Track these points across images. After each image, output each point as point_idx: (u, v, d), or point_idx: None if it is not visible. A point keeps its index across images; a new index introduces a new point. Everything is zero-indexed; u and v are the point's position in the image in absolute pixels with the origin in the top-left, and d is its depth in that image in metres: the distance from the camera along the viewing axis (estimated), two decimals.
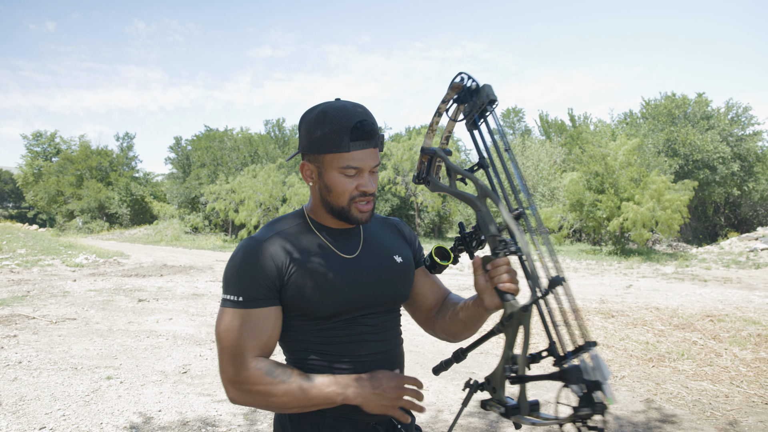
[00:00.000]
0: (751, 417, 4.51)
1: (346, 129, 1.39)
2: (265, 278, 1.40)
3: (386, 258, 1.57)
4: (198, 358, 6.19)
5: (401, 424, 1.53)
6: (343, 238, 1.54)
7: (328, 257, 1.48)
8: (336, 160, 1.42)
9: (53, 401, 4.68)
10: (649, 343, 6.85)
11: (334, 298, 1.44)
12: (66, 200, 49.30)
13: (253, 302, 1.39)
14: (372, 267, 1.53)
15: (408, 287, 1.61)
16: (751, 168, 34.02)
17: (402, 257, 1.61)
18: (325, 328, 1.47)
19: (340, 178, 1.43)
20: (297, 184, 30.36)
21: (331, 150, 1.41)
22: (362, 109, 1.45)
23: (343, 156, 1.41)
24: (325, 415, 1.45)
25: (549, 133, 43.38)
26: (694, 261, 19.59)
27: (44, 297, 10.05)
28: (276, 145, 40.31)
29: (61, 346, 6.51)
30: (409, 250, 1.68)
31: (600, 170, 23.37)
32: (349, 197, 1.45)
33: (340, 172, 1.43)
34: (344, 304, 1.45)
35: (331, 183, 1.44)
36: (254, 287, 1.39)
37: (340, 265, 1.49)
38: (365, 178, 1.44)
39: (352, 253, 1.52)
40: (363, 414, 1.45)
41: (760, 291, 12.51)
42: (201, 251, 26.29)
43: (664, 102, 34.82)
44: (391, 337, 1.56)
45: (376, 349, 1.51)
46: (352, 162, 1.41)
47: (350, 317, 1.48)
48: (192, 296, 10.62)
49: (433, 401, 4.84)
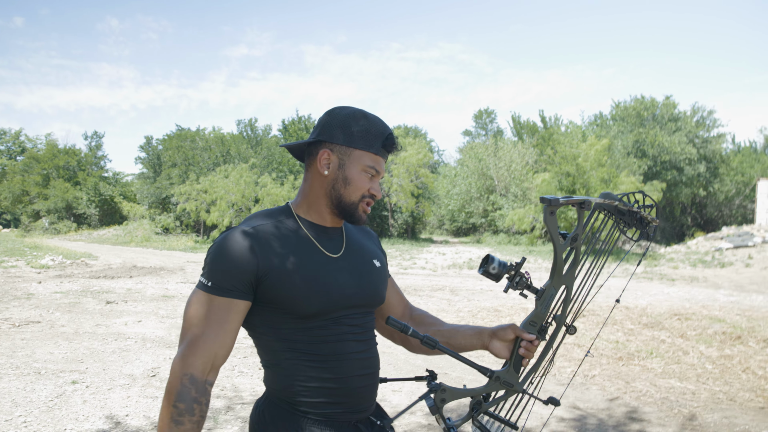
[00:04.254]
0: (716, 413, 4.60)
1: (383, 135, 1.53)
2: (238, 271, 1.40)
3: (367, 261, 1.62)
4: (167, 360, 6.07)
5: (381, 422, 1.56)
6: (328, 237, 1.57)
7: (314, 254, 1.50)
8: (365, 158, 1.51)
9: (14, 407, 4.53)
10: (619, 342, 6.96)
11: (320, 295, 1.45)
12: (31, 200, 48.04)
13: (222, 291, 1.40)
14: (355, 268, 1.56)
15: (385, 291, 1.67)
16: (716, 169, 34.96)
17: (380, 262, 1.67)
18: (310, 327, 1.46)
19: (361, 175, 1.52)
20: (269, 184, 30.14)
21: (365, 148, 1.51)
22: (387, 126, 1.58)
23: (372, 156, 1.52)
24: (307, 415, 1.45)
25: (521, 134, 43.85)
26: (662, 261, 20.01)
27: (7, 300, 9.76)
28: (248, 145, 39.93)
29: (24, 350, 6.32)
30: (383, 257, 1.74)
31: (571, 171, 23.73)
32: (362, 195, 1.53)
33: (363, 169, 1.52)
34: (330, 301, 1.46)
35: (352, 177, 1.52)
36: (227, 277, 1.40)
37: (326, 263, 1.50)
38: (377, 183, 1.56)
39: (337, 252, 1.55)
40: (344, 413, 1.48)
41: (725, 290, 12.83)
42: (172, 252, 25.89)
43: (633, 104, 35.51)
44: (370, 338, 1.59)
45: (358, 348, 1.52)
46: (376, 164, 1.53)
47: (335, 316, 1.48)
48: (162, 298, 10.43)
49: (406, 402, 4.83)
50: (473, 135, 55.50)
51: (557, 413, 4.60)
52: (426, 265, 19.49)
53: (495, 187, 37.70)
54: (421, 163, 33.42)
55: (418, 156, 32.76)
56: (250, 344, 6.80)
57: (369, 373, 1.55)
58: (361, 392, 1.53)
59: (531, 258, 22.43)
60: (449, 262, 20.41)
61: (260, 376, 5.59)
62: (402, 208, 33.75)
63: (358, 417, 1.52)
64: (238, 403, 4.75)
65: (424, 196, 36.71)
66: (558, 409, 4.69)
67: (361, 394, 1.53)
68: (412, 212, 35.05)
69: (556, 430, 4.26)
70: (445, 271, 17.78)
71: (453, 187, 41.19)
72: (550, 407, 4.44)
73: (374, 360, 1.59)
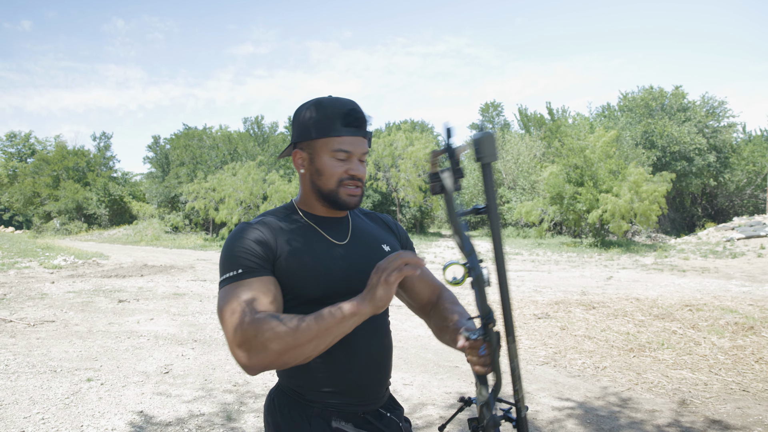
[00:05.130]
0: (729, 404, 4.59)
1: (339, 114, 1.47)
2: (258, 251, 1.42)
3: (375, 246, 1.61)
4: (180, 357, 6.13)
5: (390, 413, 1.56)
6: (333, 225, 1.58)
7: (318, 241, 1.52)
8: (328, 143, 1.48)
9: (32, 405, 4.60)
10: (630, 334, 6.94)
11: (324, 278, 1.46)
12: (42, 201, 48.44)
13: (252, 272, 1.39)
14: (361, 253, 1.56)
15: None
16: (727, 159, 34.64)
17: (390, 246, 1.65)
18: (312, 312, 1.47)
19: (331, 162, 1.49)
20: (277, 181, 30.20)
21: (324, 134, 1.47)
22: (354, 102, 1.52)
23: (335, 140, 1.47)
24: (313, 406, 1.46)
25: (528, 127, 43.69)
26: (672, 252, 19.90)
27: (21, 300, 9.87)
28: (255, 143, 40.05)
29: (40, 349, 6.39)
30: (397, 241, 1.72)
31: (579, 163, 23.60)
32: (338, 179, 1.49)
33: (331, 155, 1.48)
34: (334, 285, 1.47)
35: (322, 166, 1.50)
36: (250, 259, 1.40)
37: (330, 248, 1.52)
38: (355, 163, 1.50)
39: (342, 239, 1.56)
40: (352, 404, 1.48)
41: (737, 280, 12.75)
42: (182, 250, 26.03)
43: (642, 95, 35.24)
44: (380, 324, 1.58)
45: (364, 337, 1.51)
46: (343, 146, 1.47)
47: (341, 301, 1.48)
48: (173, 296, 10.51)
49: (418, 395, 4.86)
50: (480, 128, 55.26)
51: (567, 405, 4.60)
52: (435, 259, 19.48)
53: (503, 180, 37.59)
54: (427, 158, 33.34)
55: (425, 150, 32.72)
56: None
57: (376, 365, 1.53)
58: (368, 384, 1.51)
59: (540, 251, 22.37)
60: (458, 256, 20.38)
61: None
62: (410, 202, 33.74)
63: (365, 409, 1.51)
64: (250, 396, 4.79)
65: None
66: (568, 401, 4.70)
67: (368, 386, 1.51)
68: (420, 207, 35.05)
69: (566, 422, 4.27)
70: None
71: None
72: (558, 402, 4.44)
73: (384, 351, 1.56)
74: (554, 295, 10.38)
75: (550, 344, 6.62)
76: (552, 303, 9.16)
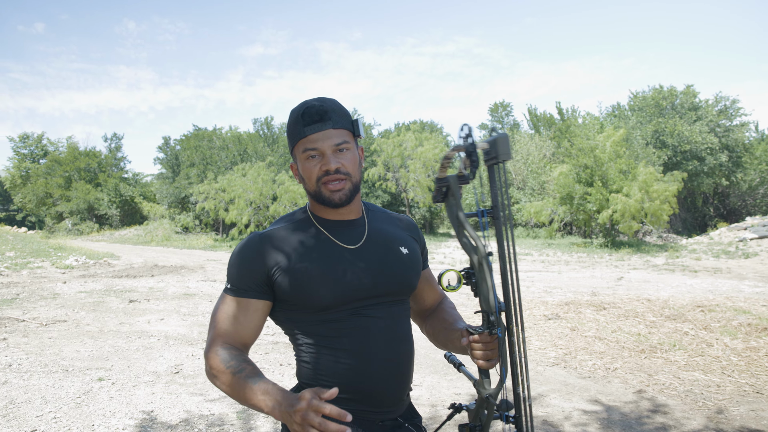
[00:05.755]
0: (743, 406, 4.54)
1: (299, 116, 1.50)
2: (252, 273, 1.48)
3: (392, 249, 1.58)
4: (190, 357, 6.15)
5: (408, 422, 1.55)
6: (346, 229, 1.56)
7: (326, 248, 1.51)
8: (299, 147, 1.51)
9: (44, 404, 4.63)
10: (641, 335, 6.89)
11: (333, 285, 1.45)
12: (54, 202, 48.86)
13: (238, 292, 1.49)
14: (376, 257, 1.54)
15: (415, 278, 1.62)
16: (739, 159, 34.29)
17: (408, 249, 1.63)
18: (328, 320, 1.47)
19: (306, 164, 1.50)
20: (287, 182, 30.27)
21: (294, 139, 1.52)
22: (317, 99, 1.53)
23: (302, 141, 1.50)
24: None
25: (538, 127, 43.48)
26: (684, 252, 19.74)
27: (34, 299, 9.95)
28: (265, 144, 40.15)
29: (52, 349, 6.45)
30: (416, 245, 1.70)
31: (589, 163, 23.47)
32: (317, 179, 1.50)
33: (305, 158, 1.50)
34: (344, 292, 1.46)
35: (303, 170, 1.53)
36: (242, 279, 1.49)
37: (339, 255, 1.50)
38: (327, 157, 1.48)
39: (355, 243, 1.54)
40: (369, 412, 1.47)
41: (750, 280, 12.63)
42: (192, 251, 26.16)
43: (652, 94, 34.98)
44: (398, 328, 1.55)
45: (382, 340, 1.49)
46: (308, 144, 1.49)
47: (354, 307, 1.48)
48: (183, 296, 10.56)
49: (427, 396, 4.85)
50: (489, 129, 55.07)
51: (579, 406, 4.58)
52: (444, 259, 19.46)
53: (513, 180, 37.46)
54: (437, 158, 33.32)
55: (434, 151, 32.66)
56: (271, 341, 6.86)
57: (393, 370, 1.50)
58: (384, 391, 1.48)
59: (550, 251, 22.27)
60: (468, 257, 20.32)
61: (281, 372, 5.64)
62: (419, 203, 33.70)
63: (383, 417, 1.49)
64: None
65: None
66: (579, 403, 4.67)
67: (384, 392, 1.48)
68: (429, 207, 34.99)
69: (579, 423, 4.24)
70: (463, 266, 17.70)
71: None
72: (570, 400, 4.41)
73: (402, 358, 1.53)
74: (564, 295, 10.33)
75: (561, 345, 6.58)
76: (562, 304, 9.11)
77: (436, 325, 1.70)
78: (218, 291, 11.33)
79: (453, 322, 1.64)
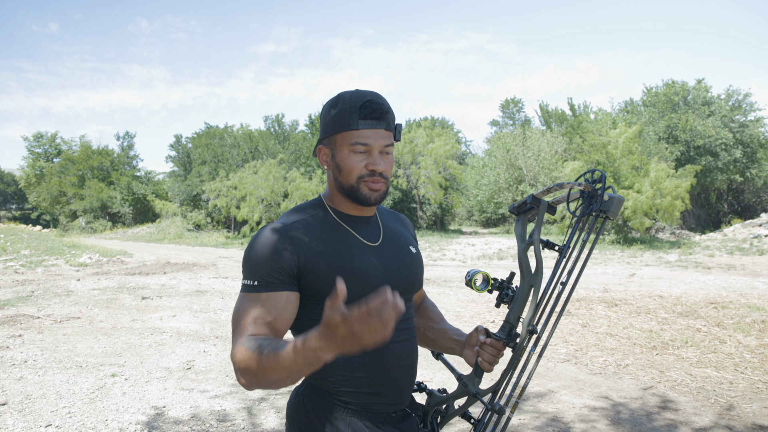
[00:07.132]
0: (756, 403, 4.50)
1: (356, 107, 1.43)
2: (281, 263, 1.40)
3: (404, 248, 1.62)
4: (202, 354, 6.20)
5: (416, 413, 1.59)
6: (364, 226, 1.56)
7: (351, 243, 1.50)
8: (346, 137, 1.45)
9: (59, 399, 4.70)
10: (653, 331, 6.85)
11: (362, 283, 1.45)
12: (68, 200, 49.38)
13: (268, 286, 1.39)
14: (394, 255, 1.57)
15: (422, 277, 1.68)
16: (754, 154, 33.84)
17: (415, 249, 1.67)
18: None
19: (350, 156, 1.45)
20: (298, 179, 30.35)
21: (342, 128, 1.45)
22: (374, 93, 1.48)
23: (352, 133, 1.44)
24: (347, 405, 1.46)
25: (549, 123, 43.26)
26: (697, 248, 19.56)
27: (48, 297, 10.08)
28: (276, 141, 40.27)
29: (66, 345, 6.53)
30: (416, 243, 1.74)
31: (601, 159, 23.31)
32: (358, 175, 1.46)
33: (350, 149, 1.45)
34: (369, 290, 1.44)
35: (342, 161, 1.47)
36: (269, 272, 1.40)
37: (366, 252, 1.51)
38: (375, 157, 1.46)
39: (375, 241, 1.55)
40: (386, 404, 1.49)
41: (764, 277, 12.49)
42: (204, 248, 26.33)
43: (664, 89, 34.64)
44: (410, 326, 1.59)
45: (398, 337, 1.51)
46: (360, 138, 1.44)
47: None
48: (195, 293, 10.64)
49: None
50: (500, 125, 54.86)
51: (589, 402, 4.56)
52: (455, 256, 19.43)
53: (524, 177, 37.28)
54: (448, 155, 33.26)
55: (445, 147, 32.60)
56: None
57: (408, 363, 1.54)
58: (401, 382, 1.52)
59: None
60: (479, 253, 20.30)
61: None
62: (430, 199, 33.65)
63: (395, 408, 1.51)
64: (272, 393, 4.83)
65: (452, 187, 36.53)
66: (590, 399, 4.66)
67: (401, 385, 1.52)
68: (440, 204, 34.93)
69: (589, 419, 4.23)
70: (474, 262, 17.70)
71: (481, 177, 40.80)
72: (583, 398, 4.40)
73: (414, 350, 1.58)
74: (576, 292, 10.28)
75: (572, 341, 6.56)
76: (573, 300, 9.07)
77: (421, 322, 1.78)
78: (230, 288, 11.40)
79: (439, 321, 1.76)
